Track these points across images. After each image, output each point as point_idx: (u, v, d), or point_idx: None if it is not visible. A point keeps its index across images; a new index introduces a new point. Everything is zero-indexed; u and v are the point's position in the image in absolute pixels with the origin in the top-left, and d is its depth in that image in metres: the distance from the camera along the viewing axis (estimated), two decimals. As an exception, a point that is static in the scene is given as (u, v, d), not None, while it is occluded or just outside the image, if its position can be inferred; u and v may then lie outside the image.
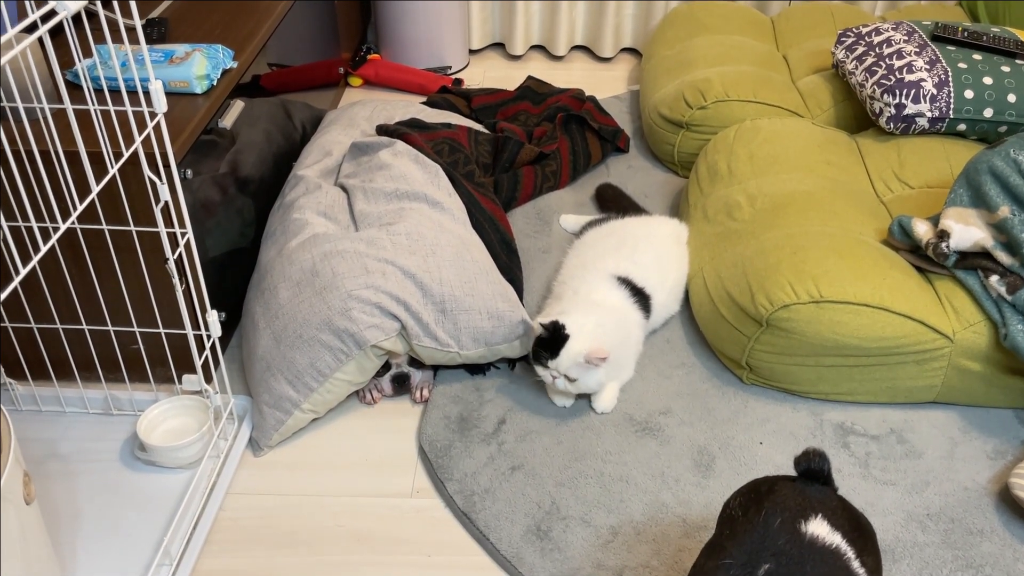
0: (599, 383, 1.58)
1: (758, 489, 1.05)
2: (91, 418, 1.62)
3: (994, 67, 1.99)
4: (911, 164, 1.96)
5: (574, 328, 1.56)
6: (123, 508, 1.45)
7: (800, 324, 1.57)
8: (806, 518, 0.98)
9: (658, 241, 1.84)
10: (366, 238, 1.67)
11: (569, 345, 1.54)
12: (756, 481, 1.09)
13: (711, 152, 2.12)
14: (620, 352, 1.62)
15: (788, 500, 1.01)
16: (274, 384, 1.56)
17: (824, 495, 1.03)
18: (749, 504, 1.02)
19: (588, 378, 1.56)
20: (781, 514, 0.98)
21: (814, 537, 0.96)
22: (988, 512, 1.45)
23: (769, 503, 1.00)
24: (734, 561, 0.94)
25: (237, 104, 1.74)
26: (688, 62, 2.50)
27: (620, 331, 1.63)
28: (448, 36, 2.94)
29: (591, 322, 1.57)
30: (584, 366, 1.53)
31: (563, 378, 1.56)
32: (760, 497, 1.03)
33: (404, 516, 1.46)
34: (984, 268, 1.58)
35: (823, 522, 0.98)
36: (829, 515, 1.00)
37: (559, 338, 1.55)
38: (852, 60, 2.17)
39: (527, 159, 2.23)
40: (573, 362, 1.54)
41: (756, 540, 0.96)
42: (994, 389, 1.60)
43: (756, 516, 0.99)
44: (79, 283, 1.55)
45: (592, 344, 1.53)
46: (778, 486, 1.04)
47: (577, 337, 1.54)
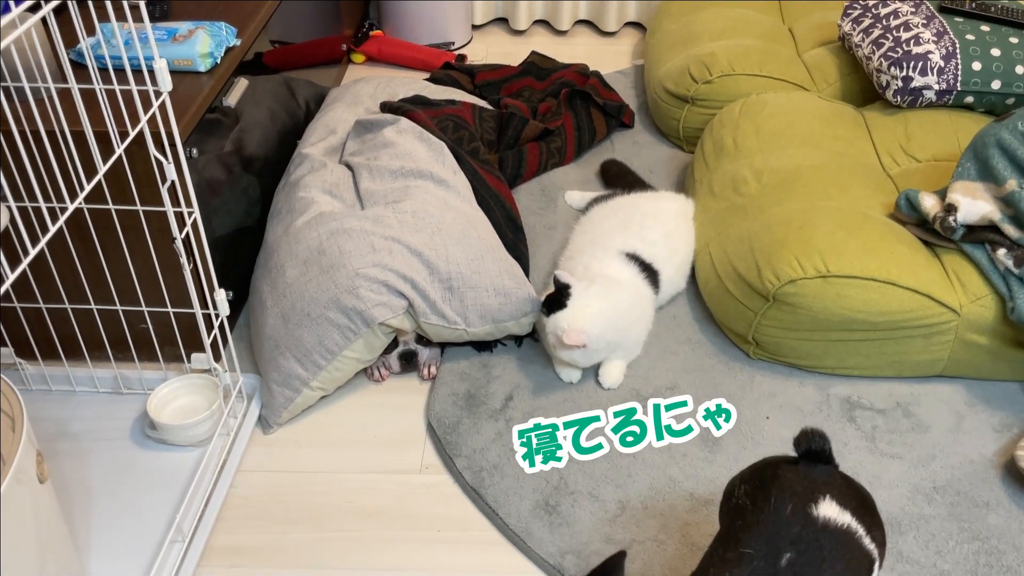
0: (573, 359, 1.58)
1: (762, 475, 1.05)
2: (101, 397, 1.63)
3: (1002, 38, 1.97)
4: (918, 137, 1.95)
5: (577, 302, 1.55)
6: (135, 486, 1.47)
7: (807, 299, 1.57)
8: (815, 501, 0.99)
9: (666, 217, 1.84)
10: (372, 216, 1.66)
11: (560, 313, 1.55)
12: (758, 466, 1.09)
13: (717, 127, 2.11)
14: (627, 334, 1.63)
15: (795, 484, 1.01)
16: (283, 362, 1.57)
17: (828, 475, 1.04)
18: (756, 492, 1.03)
19: (564, 352, 1.57)
20: (791, 500, 0.99)
21: (827, 520, 0.97)
22: (994, 485, 1.46)
23: (776, 489, 1.01)
24: (755, 552, 0.95)
25: (241, 82, 1.74)
26: (693, 36, 2.47)
27: (631, 312, 1.63)
28: (450, 11, 2.92)
29: (595, 306, 1.56)
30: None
31: (551, 342, 1.59)
32: (766, 484, 1.03)
33: (413, 492, 1.48)
34: (991, 241, 1.57)
35: (832, 503, 0.99)
36: (836, 495, 1.01)
37: (558, 301, 1.56)
38: (859, 33, 2.16)
39: (532, 135, 2.22)
40: (554, 330, 1.55)
41: (772, 530, 0.97)
42: (1000, 362, 1.60)
43: (766, 504, 0.99)
44: (87, 263, 1.55)
45: (576, 324, 1.53)
46: (781, 470, 1.04)
47: (571, 312, 1.55)
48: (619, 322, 1.59)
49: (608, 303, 1.58)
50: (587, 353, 1.57)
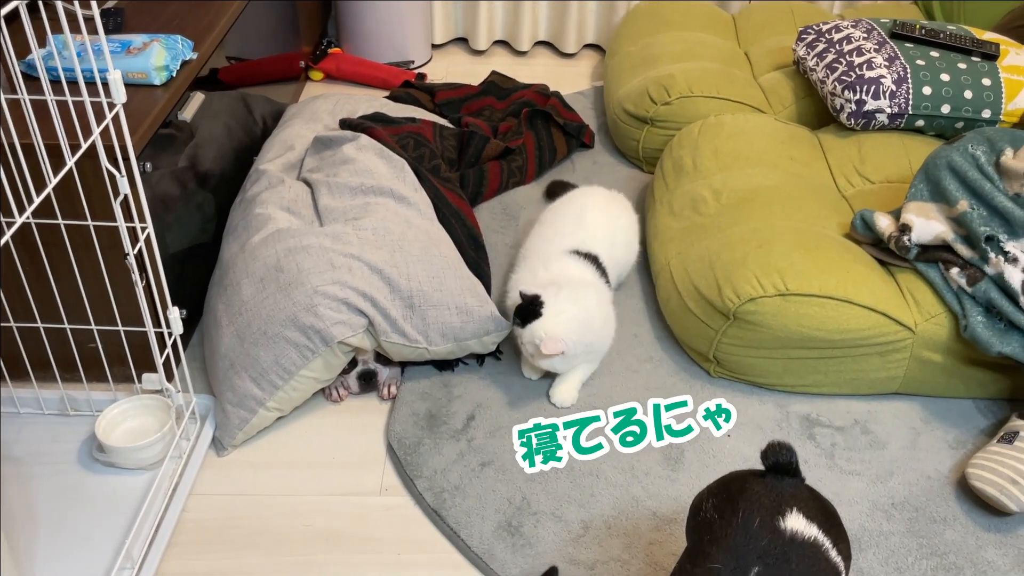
0: (552, 366, 1.59)
1: (729, 488, 1.05)
2: (47, 419, 1.57)
3: (951, 64, 2.03)
4: (872, 159, 1.99)
5: (550, 308, 1.56)
6: (82, 511, 1.41)
7: (766, 317, 1.58)
8: (783, 514, 0.98)
9: (598, 208, 1.86)
10: (331, 233, 1.64)
11: (536, 323, 1.55)
12: (725, 480, 1.09)
13: (676, 147, 2.13)
14: (601, 334, 1.64)
15: (762, 497, 1.01)
16: (238, 382, 1.53)
17: (795, 488, 1.04)
18: (723, 505, 1.02)
19: (544, 361, 1.58)
20: (759, 513, 0.98)
21: (794, 532, 0.97)
22: (950, 501, 1.47)
23: (744, 502, 1.00)
24: (723, 566, 0.94)
25: (197, 96, 1.70)
26: (652, 58, 2.50)
27: (600, 311, 1.63)
28: (410, 30, 2.92)
29: (569, 312, 1.56)
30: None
31: (528, 351, 1.59)
32: (733, 497, 1.03)
33: (373, 514, 1.44)
34: (945, 261, 1.61)
35: (799, 516, 0.99)
36: (803, 508, 1.01)
37: (531, 312, 1.56)
38: (813, 57, 2.20)
39: (493, 154, 2.22)
40: (531, 340, 1.55)
41: (740, 543, 0.96)
42: (955, 380, 1.63)
43: (733, 518, 0.99)
44: (34, 281, 1.50)
45: (553, 332, 1.53)
46: (749, 483, 1.04)
47: (547, 320, 1.55)
48: (592, 324, 1.59)
49: (580, 306, 1.58)
50: (566, 359, 1.57)
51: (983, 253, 1.54)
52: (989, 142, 1.64)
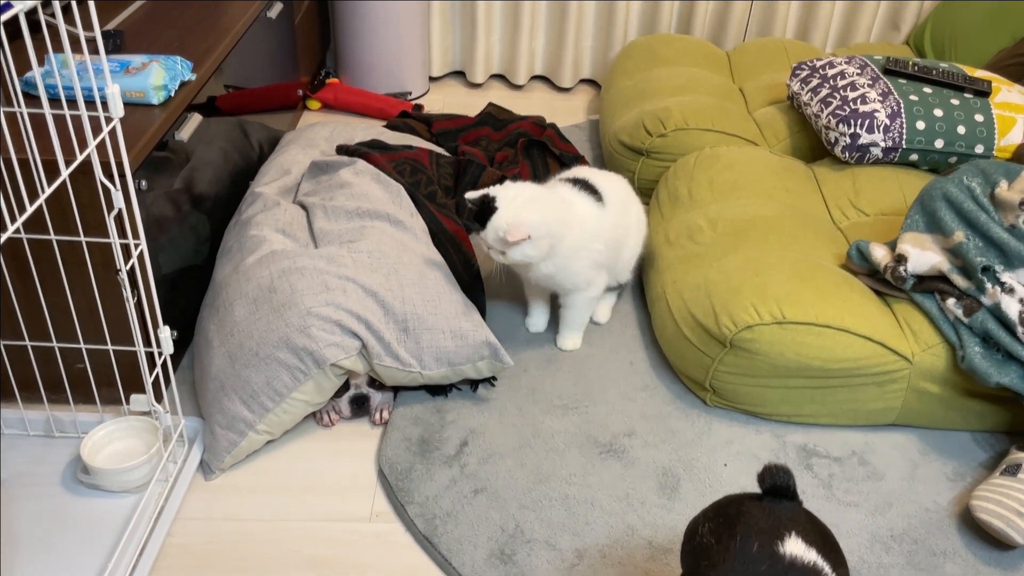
0: (526, 256, 1.58)
1: (725, 512, 1.03)
2: (31, 440, 1.54)
3: (944, 100, 2.05)
4: (866, 192, 2.00)
5: (503, 200, 1.55)
6: (64, 534, 1.37)
7: (763, 345, 1.57)
8: (781, 538, 0.96)
9: (613, 185, 1.84)
10: (326, 255, 1.63)
11: (494, 217, 1.55)
12: (721, 503, 1.07)
13: (672, 178, 2.14)
14: (569, 230, 1.61)
15: (760, 521, 0.99)
16: (228, 404, 1.50)
17: (793, 511, 1.02)
18: (720, 529, 1.00)
19: (515, 252, 1.57)
20: (757, 537, 0.96)
21: (793, 557, 0.95)
22: (950, 533, 1.45)
23: (741, 526, 0.98)
24: None
25: (195, 117, 1.70)
26: (647, 92, 2.53)
27: (562, 207, 1.61)
28: (408, 62, 2.94)
29: (523, 196, 1.56)
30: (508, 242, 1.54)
31: (497, 252, 1.59)
32: (730, 521, 1.00)
33: (363, 541, 1.41)
34: (941, 291, 1.60)
35: (798, 540, 0.97)
36: (802, 532, 0.98)
37: (487, 210, 1.56)
38: (807, 92, 2.22)
39: (489, 182, 2.22)
40: (496, 236, 1.55)
41: (738, 568, 0.94)
42: (952, 412, 1.62)
43: (731, 542, 0.97)
44: (23, 298, 1.48)
45: (514, 218, 1.53)
46: (746, 507, 1.02)
47: (505, 210, 1.54)
48: (553, 209, 1.58)
49: (533, 191, 1.58)
50: (536, 244, 1.56)
51: (979, 283, 1.54)
52: (984, 174, 1.65)
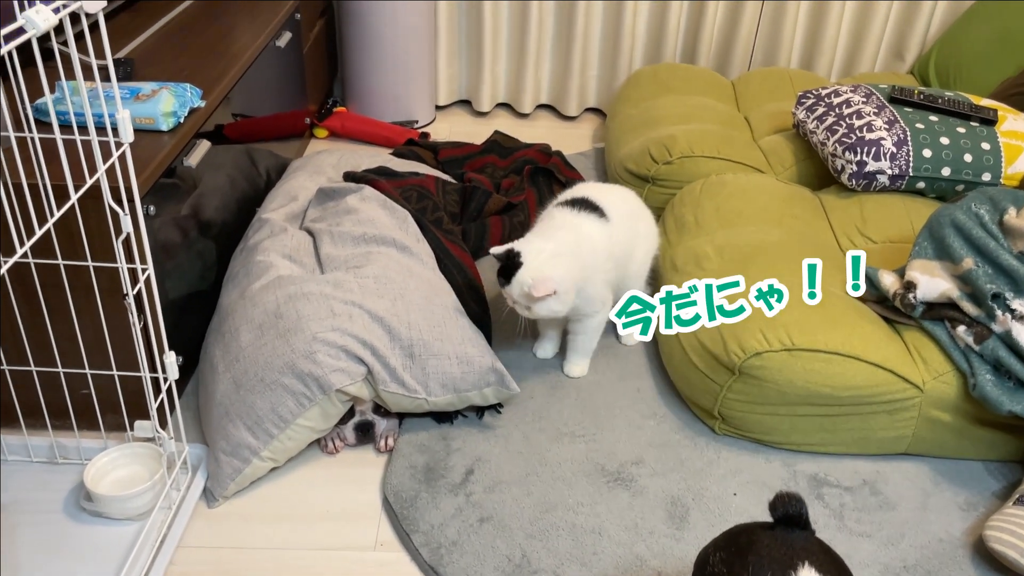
0: (552, 311, 1.58)
1: (737, 542, 1.01)
2: (34, 467, 1.53)
3: (950, 128, 2.05)
4: (873, 220, 1.99)
5: (528, 255, 1.56)
6: (67, 561, 1.36)
7: (772, 372, 1.56)
8: (794, 568, 0.95)
9: (619, 197, 1.84)
10: (332, 280, 1.63)
11: (519, 273, 1.55)
12: (732, 532, 1.05)
13: (678, 205, 2.14)
14: (591, 271, 1.63)
15: (772, 551, 0.97)
16: (232, 431, 1.49)
17: (805, 540, 1.00)
18: (732, 559, 0.98)
19: (541, 307, 1.57)
20: (769, 567, 0.95)
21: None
22: (964, 564, 1.43)
23: (753, 556, 0.97)
24: None
25: (203, 144, 1.71)
26: (653, 120, 2.53)
27: (582, 246, 1.62)
28: (415, 92, 2.96)
29: (548, 250, 1.57)
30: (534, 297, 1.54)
31: (523, 307, 1.59)
32: (742, 551, 0.99)
33: (367, 570, 1.39)
34: (951, 319, 1.59)
35: (811, 570, 0.95)
36: (815, 562, 0.97)
37: (511, 265, 1.56)
38: (813, 120, 2.23)
39: (495, 209, 2.23)
40: (521, 291, 1.55)
41: None
42: (964, 440, 1.60)
43: (743, 572, 0.95)
44: (29, 323, 1.48)
45: (539, 273, 1.53)
46: (757, 536, 1.01)
47: (530, 265, 1.55)
48: (572, 257, 1.59)
49: (557, 245, 1.59)
50: (561, 299, 1.57)
51: (990, 311, 1.53)
52: (992, 201, 1.64)
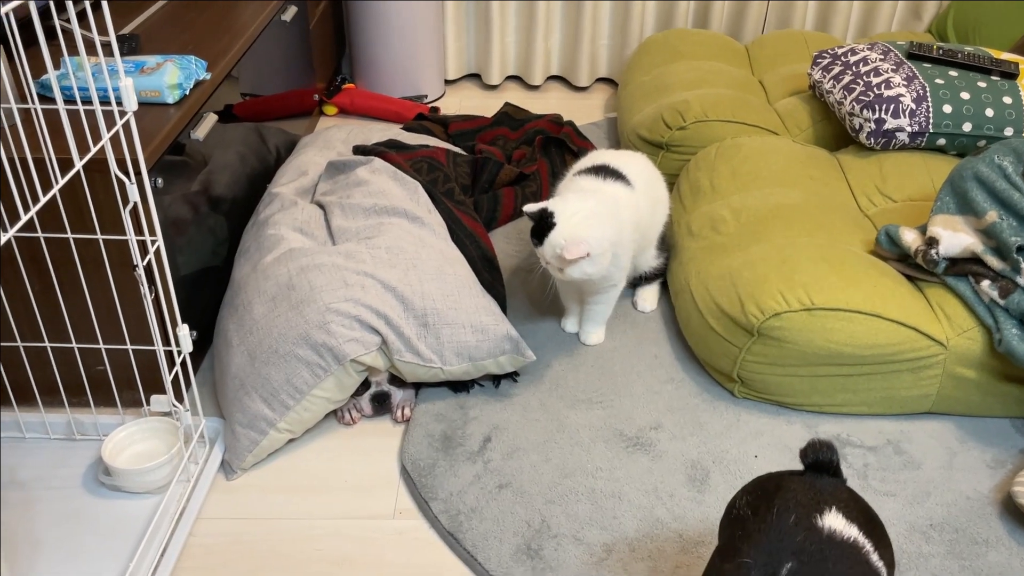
0: (585, 274, 1.56)
1: (765, 486, 1.00)
2: (53, 443, 1.53)
3: (970, 83, 2.00)
4: (893, 178, 1.96)
5: (562, 216, 1.54)
6: (86, 535, 1.36)
7: (792, 332, 1.53)
8: (820, 512, 0.93)
9: (635, 162, 1.81)
10: (344, 252, 1.61)
11: (552, 233, 1.53)
12: (761, 478, 1.04)
13: (693, 170, 2.10)
14: (622, 233, 1.61)
15: (799, 495, 0.95)
16: (248, 403, 1.48)
17: (835, 487, 0.98)
18: (758, 502, 0.97)
19: (574, 269, 1.55)
20: (795, 510, 0.93)
21: (832, 531, 0.91)
22: (992, 521, 1.40)
23: (780, 500, 0.95)
24: (753, 562, 0.89)
25: (210, 117, 1.70)
26: (665, 86, 2.50)
27: (615, 208, 1.60)
28: (424, 66, 2.93)
29: (583, 212, 1.54)
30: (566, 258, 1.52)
31: (555, 268, 1.57)
32: (769, 494, 0.97)
33: (386, 538, 1.39)
34: (975, 273, 1.56)
35: (838, 515, 0.93)
36: (843, 508, 0.95)
37: (545, 225, 1.54)
38: (829, 79, 2.18)
39: (507, 179, 2.20)
40: (554, 252, 1.53)
41: (773, 539, 0.91)
42: (990, 398, 1.57)
43: (768, 514, 0.93)
44: (42, 300, 1.47)
45: (573, 235, 1.51)
46: (786, 481, 0.99)
47: (564, 226, 1.53)
48: (609, 219, 1.56)
49: (589, 204, 1.56)
50: (594, 261, 1.54)
51: (1015, 264, 1.49)
52: (1015, 152, 1.60)
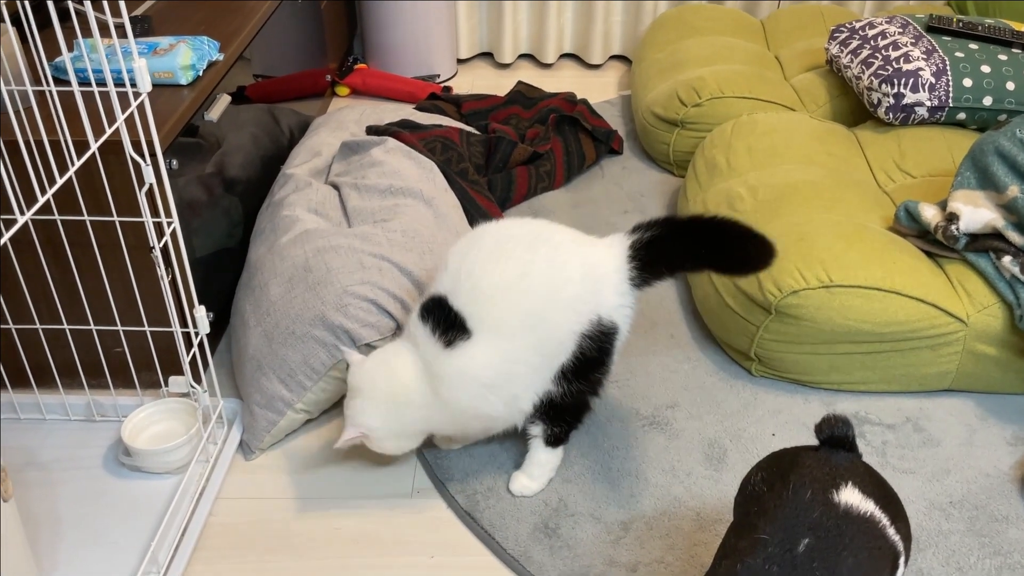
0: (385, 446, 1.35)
1: (780, 462, 0.99)
2: (73, 425, 1.55)
3: (991, 56, 1.97)
4: (912, 154, 1.93)
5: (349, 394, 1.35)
6: (107, 516, 1.37)
7: (810, 310, 1.52)
8: (837, 487, 0.92)
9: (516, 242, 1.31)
10: (360, 234, 1.61)
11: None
12: (777, 453, 1.03)
13: (708, 147, 2.08)
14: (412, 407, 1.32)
15: (815, 470, 0.95)
16: (266, 384, 1.49)
17: (850, 462, 0.98)
18: (773, 478, 0.97)
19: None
20: (811, 485, 0.92)
21: (848, 506, 0.91)
22: (1012, 498, 1.39)
23: (795, 475, 0.95)
24: (770, 537, 0.88)
25: (224, 98, 1.69)
26: (680, 63, 2.47)
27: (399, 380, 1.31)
28: (435, 46, 2.92)
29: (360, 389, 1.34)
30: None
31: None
32: (784, 470, 0.97)
33: (404, 517, 1.39)
34: (996, 249, 1.54)
35: (855, 490, 0.92)
36: (859, 482, 0.94)
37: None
38: (847, 54, 2.15)
39: (520, 159, 2.19)
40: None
41: (789, 515, 0.90)
42: (1010, 374, 1.55)
43: (784, 490, 0.93)
44: (60, 283, 1.48)
45: (350, 418, 1.33)
46: (801, 456, 0.98)
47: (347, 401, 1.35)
48: (392, 394, 1.31)
49: (372, 379, 1.32)
50: (379, 442, 1.33)
51: (1037, 239, 1.47)
52: (1038, 126, 1.58)
